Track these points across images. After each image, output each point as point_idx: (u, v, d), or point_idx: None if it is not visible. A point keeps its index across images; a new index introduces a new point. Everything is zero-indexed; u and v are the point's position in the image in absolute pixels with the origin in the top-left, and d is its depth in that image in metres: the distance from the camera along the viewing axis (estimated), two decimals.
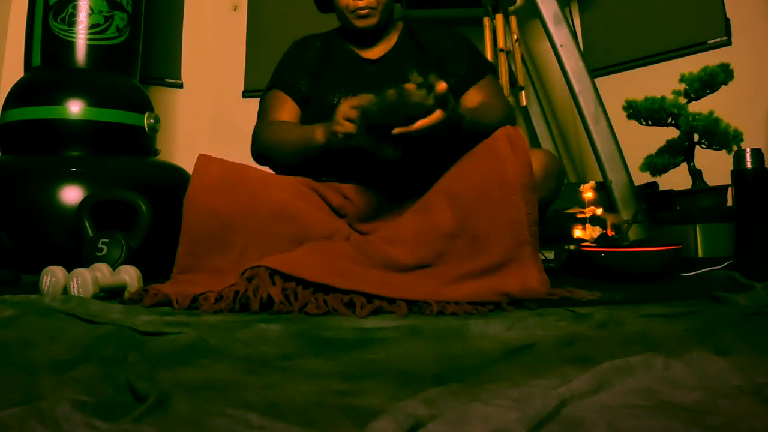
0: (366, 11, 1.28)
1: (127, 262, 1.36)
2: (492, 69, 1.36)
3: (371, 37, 1.35)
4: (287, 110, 1.33)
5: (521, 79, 2.37)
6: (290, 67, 1.38)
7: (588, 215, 1.41)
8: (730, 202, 1.65)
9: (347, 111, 1.03)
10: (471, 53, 1.35)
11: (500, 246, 1.03)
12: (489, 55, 2.30)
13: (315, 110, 1.30)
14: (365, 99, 1.00)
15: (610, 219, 1.36)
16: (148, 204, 1.49)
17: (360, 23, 1.30)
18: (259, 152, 1.31)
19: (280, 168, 1.31)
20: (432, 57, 1.33)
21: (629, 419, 0.42)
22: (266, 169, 1.30)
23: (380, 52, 1.36)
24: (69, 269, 1.11)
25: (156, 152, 1.96)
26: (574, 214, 1.43)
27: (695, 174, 1.78)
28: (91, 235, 1.44)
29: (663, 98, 1.78)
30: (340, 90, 1.28)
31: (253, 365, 0.59)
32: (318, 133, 1.14)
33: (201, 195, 1.13)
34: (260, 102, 1.39)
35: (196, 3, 2.84)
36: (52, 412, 0.41)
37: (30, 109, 1.72)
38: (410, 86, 0.96)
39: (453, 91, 1.06)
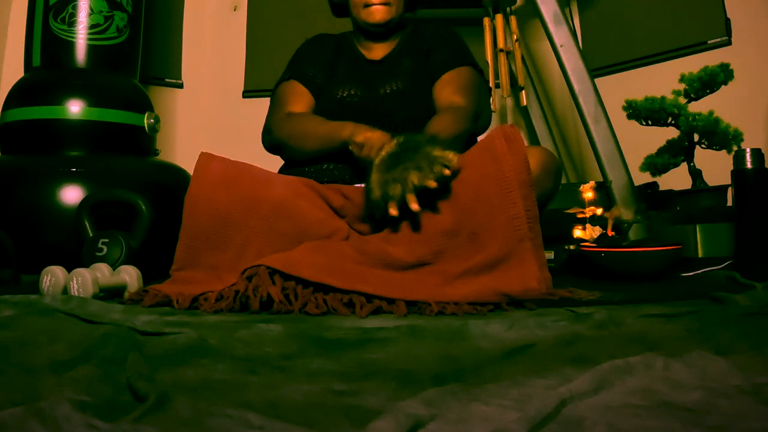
0: (378, 7, 1.33)
1: (127, 262, 1.36)
2: (472, 63, 1.39)
3: (379, 36, 1.40)
4: (304, 101, 1.37)
5: (521, 79, 2.37)
6: (307, 60, 1.42)
7: (588, 215, 1.41)
8: (730, 202, 1.65)
9: (371, 148, 1.12)
10: (456, 46, 1.40)
11: (499, 241, 1.03)
12: (489, 56, 2.30)
13: (322, 103, 1.35)
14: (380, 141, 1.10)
15: (613, 214, 1.36)
16: (148, 204, 1.49)
17: (371, 18, 1.35)
18: (275, 143, 1.35)
19: (296, 159, 1.32)
20: (426, 51, 1.39)
21: (629, 419, 0.42)
22: (272, 163, 1.30)
23: (383, 53, 1.42)
24: (69, 269, 1.11)
25: (156, 152, 1.95)
26: (574, 214, 1.42)
27: (695, 174, 1.78)
28: (91, 235, 1.44)
29: (663, 98, 1.78)
30: (345, 86, 1.34)
31: (253, 365, 0.59)
32: (345, 133, 1.20)
33: (202, 192, 1.14)
34: (274, 93, 1.42)
35: (196, 3, 2.84)
36: (52, 412, 0.41)
37: (30, 109, 1.72)
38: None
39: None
